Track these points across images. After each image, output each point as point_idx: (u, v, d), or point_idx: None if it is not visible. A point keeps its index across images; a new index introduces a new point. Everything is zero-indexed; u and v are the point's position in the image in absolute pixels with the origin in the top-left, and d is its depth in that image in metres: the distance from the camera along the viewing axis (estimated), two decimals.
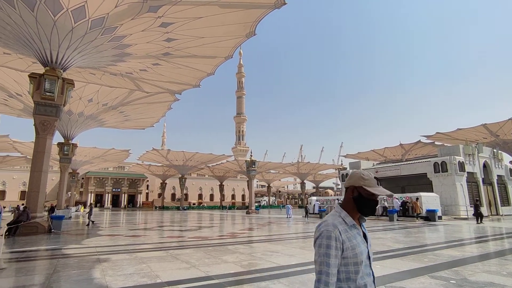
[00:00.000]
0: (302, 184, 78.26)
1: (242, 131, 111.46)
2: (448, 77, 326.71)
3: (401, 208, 24.46)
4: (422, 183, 29.94)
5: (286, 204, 37.00)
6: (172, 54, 19.01)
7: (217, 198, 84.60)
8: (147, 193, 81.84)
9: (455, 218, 24.92)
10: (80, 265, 7.66)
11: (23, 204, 19.51)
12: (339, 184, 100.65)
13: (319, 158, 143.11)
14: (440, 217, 23.24)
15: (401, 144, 52.46)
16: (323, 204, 32.12)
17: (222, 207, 68.02)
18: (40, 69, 17.56)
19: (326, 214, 28.55)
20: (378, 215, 26.04)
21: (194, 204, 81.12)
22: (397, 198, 25.17)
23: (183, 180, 63.36)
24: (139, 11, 14.62)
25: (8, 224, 14.42)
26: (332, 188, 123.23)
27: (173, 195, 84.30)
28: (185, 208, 62.08)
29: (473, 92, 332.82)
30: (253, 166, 44.19)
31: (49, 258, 9.06)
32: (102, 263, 7.70)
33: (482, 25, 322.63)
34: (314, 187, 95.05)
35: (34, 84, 16.36)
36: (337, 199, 31.94)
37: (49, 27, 14.92)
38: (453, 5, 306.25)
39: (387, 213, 23.85)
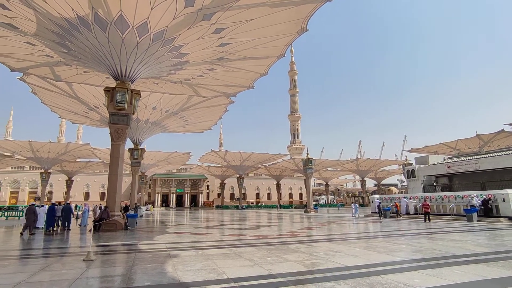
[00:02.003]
0: (362, 182, 74.65)
1: (297, 129, 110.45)
2: None
3: (482, 207, 21.74)
4: (508, 178, 26.31)
5: (353, 203, 35.51)
6: (226, 58, 19.64)
7: (274, 197, 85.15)
8: (207, 193, 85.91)
9: None
10: (154, 259, 8.34)
11: (100, 204, 21.91)
12: (404, 181, 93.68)
13: (379, 153, 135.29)
14: None
15: (478, 135, 46.42)
16: (386, 202, 30.15)
17: (280, 206, 68.28)
18: (112, 83, 19.59)
19: (390, 213, 26.81)
20: (452, 214, 23.58)
21: (252, 203, 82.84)
22: (476, 196, 22.44)
23: (241, 180, 65.08)
24: (194, 21, 15.40)
25: (93, 221, 16.38)
26: (396, 186, 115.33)
27: (232, 195, 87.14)
28: (244, 207, 63.72)
29: None
30: (310, 164, 43.45)
31: (127, 252, 10.05)
32: (173, 259, 8.27)
33: None
34: (375, 185, 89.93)
35: (108, 97, 18.34)
36: (404, 197, 29.69)
37: (118, 44, 16.58)
38: None
39: (465, 212, 21.38)
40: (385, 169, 78.95)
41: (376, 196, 33.35)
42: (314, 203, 57.18)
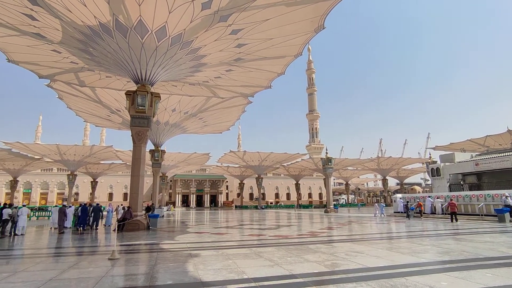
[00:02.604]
0: (384, 181, 72.73)
1: (316, 128, 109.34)
2: None
3: None
4: None
5: (379, 202, 34.77)
6: (243, 59, 19.71)
7: (293, 197, 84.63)
8: (227, 193, 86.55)
9: None
10: (175, 258, 8.49)
11: (122, 204, 22.55)
12: (428, 180, 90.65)
13: (402, 152, 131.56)
14: None
15: (509, 130, 43.96)
16: (410, 202, 29.26)
17: (299, 206, 67.77)
18: (133, 87, 20.13)
19: (414, 213, 25.94)
20: (481, 214, 22.54)
21: (271, 203, 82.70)
22: (510, 196, 21.28)
23: (260, 180, 65.12)
24: (211, 23, 15.56)
25: (117, 221, 16.89)
26: (419, 184, 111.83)
27: (251, 195, 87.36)
28: (263, 207, 63.71)
29: None
30: (329, 163, 42.88)
31: (149, 251, 10.28)
32: (194, 258, 8.39)
33: None
34: (398, 184, 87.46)
35: (129, 100, 18.85)
36: (428, 196, 28.68)
37: (138, 49, 17.02)
38: None
39: (496, 212, 20.33)
40: (408, 167, 76.62)
41: (399, 195, 32.44)
42: (334, 202, 56.36)
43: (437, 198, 27.16)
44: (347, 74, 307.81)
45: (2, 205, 16.35)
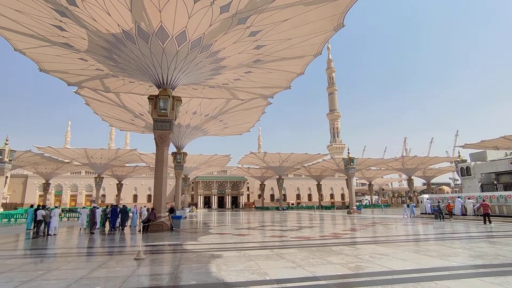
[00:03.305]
0: (409, 181, 70.39)
1: (337, 128, 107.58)
2: None
3: None
4: None
5: (410, 203, 33.80)
6: (262, 60, 19.74)
7: (315, 198, 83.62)
8: (248, 195, 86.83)
9: None
10: (198, 259, 8.61)
11: (145, 206, 23.16)
12: (457, 179, 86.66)
13: (428, 150, 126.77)
14: None
15: None
16: (438, 202, 28.10)
17: (321, 207, 66.87)
18: (155, 91, 20.65)
19: (444, 214, 24.80)
20: None
21: (292, 204, 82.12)
22: None
23: (281, 181, 64.87)
24: (230, 25, 15.71)
25: (142, 222, 17.36)
26: (448, 184, 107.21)
27: (272, 196, 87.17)
28: (284, 208, 63.38)
29: None
30: (352, 163, 42.05)
31: (173, 252, 10.49)
32: (216, 259, 8.47)
33: None
34: (424, 184, 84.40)
35: (152, 104, 19.36)
36: (458, 196, 27.41)
37: (159, 54, 17.46)
38: None
39: None
40: (435, 167, 73.76)
41: (426, 196, 31.26)
42: (357, 203, 55.17)
43: (468, 198, 25.90)
44: (368, 72, 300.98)
45: (36, 207, 17.27)
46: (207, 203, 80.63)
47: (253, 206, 77.82)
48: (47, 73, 21.29)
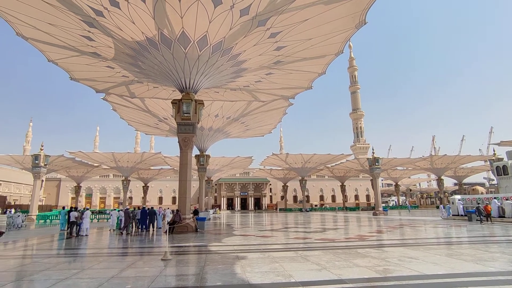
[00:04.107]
0: (439, 181, 67.33)
1: (360, 127, 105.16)
2: None
3: None
4: None
5: (447, 204, 32.52)
6: (282, 61, 19.70)
7: (339, 199, 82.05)
8: (270, 196, 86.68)
9: None
10: (223, 260, 8.70)
11: (168, 208, 23.66)
12: (493, 179, 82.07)
13: (459, 149, 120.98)
14: None
15: None
16: (471, 203, 26.70)
17: (346, 209, 65.54)
18: (178, 96, 21.13)
19: (477, 215, 23.51)
20: None
21: (315, 205, 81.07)
22: None
23: (303, 182, 64.24)
24: (250, 28, 15.81)
25: (168, 224, 17.78)
26: (482, 185, 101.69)
27: (295, 197, 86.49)
28: (308, 210, 62.69)
29: None
30: (377, 163, 40.98)
31: (198, 253, 10.66)
32: (241, 260, 8.52)
33: None
34: (455, 184, 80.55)
35: (175, 108, 19.82)
36: (494, 197, 25.88)
37: (181, 59, 17.87)
38: None
39: None
40: (467, 166, 70.27)
41: (458, 196, 29.81)
42: (383, 205, 53.57)
43: (506, 199, 24.38)
44: (391, 69, 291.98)
45: (68, 209, 18.15)
46: (230, 205, 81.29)
47: (276, 207, 77.56)
48: (77, 82, 22.37)
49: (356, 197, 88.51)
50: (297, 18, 15.27)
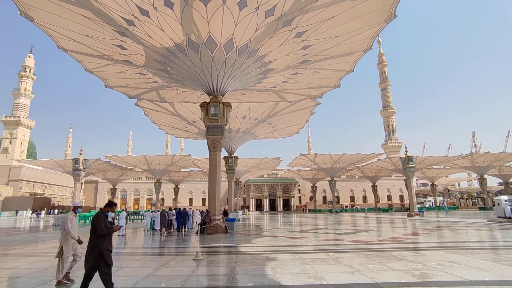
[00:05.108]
0: (482, 180, 63.07)
1: (392, 125, 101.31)
2: None
3: None
4: None
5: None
6: (309, 61, 19.47)
7: (370, 199, 79.48)
8: (299, 197, 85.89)
9: None
10: (254, 261, 8.72)
11: (197, 209, 24.10)
12: None
13: (504, 145, 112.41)
14: None
15: None
16: None
17: (379, 210, 63.35)
18: (206, 99, 21.56)
19: None
20: None
21: (346, 206, 79.11)
22: None
23: (333, 182, 62.99)
24: (275, 29, 15.79)
25: (199, 225, 18.14)
26: None
27: (324, 198, 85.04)
28: (338, 211, 61.34)
29: None
30: (410, 162, 39.26)
31: (228, 253, 10.77)
32: (271, 261, 8.49)
33: None
34: (500, 183, 74.98)
35: (204, 111, 20.22)
36: None
37: (209, 63, 18.22)
38: None
39: None
40: None
41: (504, 197, 27.67)
42: (419, 205, 51.12)
43: None
44: (424, 62, 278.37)
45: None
46: (259, 206, 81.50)
47: (305, 208, 76.63)
48: (111, 89, 23.55)
49: (389, 197, 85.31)
50: (323, 16, 15.02)
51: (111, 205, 5.71)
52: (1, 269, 8.24)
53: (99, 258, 5.11)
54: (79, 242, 6.50)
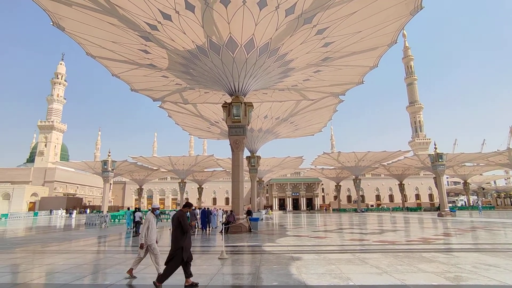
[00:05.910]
0: None
1: (419, 121, 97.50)
2: None
3: None
4: None
5: None
6: (331, 58, 19.15)
7: (397, 198, 76.99)
8: (323, 196, 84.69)
9: None
10: (278, 261, 8.70)
11: (220, 208, 24.33)
12: None
13: None
14: None
15: None
16: None
17: (407, 209, 61.24)
18: (228, 99, 21.76)
19: None
20: None
21: (372, 205, 77.09)
22: None
23: (358, 181, 61.62)
24: (296, 27, 15.66)
25: (223, 224, 18.36)
26: None
27: (349, 197, 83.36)
28: (363, 210, 59.91)
29: None
30: (440, 160, 37.61)
31: (253, 253, 10.81)
32: (296, 261, 8.44)
33: None
34: None
35: (226, 112, 20.41)
36: None
37: (230, 63, 18.38)
38: None
39: None
40: None
41: None
42: (450, 205, 48.88)
43: None
44: (452, 55, 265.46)
45: (133, 209, 19.77)
46: (282, 205, 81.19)
47: (329, 207, 75.48)
48: (136, 92, 24.33)
49: (417, 196, 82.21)
50: (345, 11, 14.72)
51: (189, 205, 6.53)
52: (41, 265, 8.74)
53: (180, 254, 6.07)
54: (141, 247, 7.08)
